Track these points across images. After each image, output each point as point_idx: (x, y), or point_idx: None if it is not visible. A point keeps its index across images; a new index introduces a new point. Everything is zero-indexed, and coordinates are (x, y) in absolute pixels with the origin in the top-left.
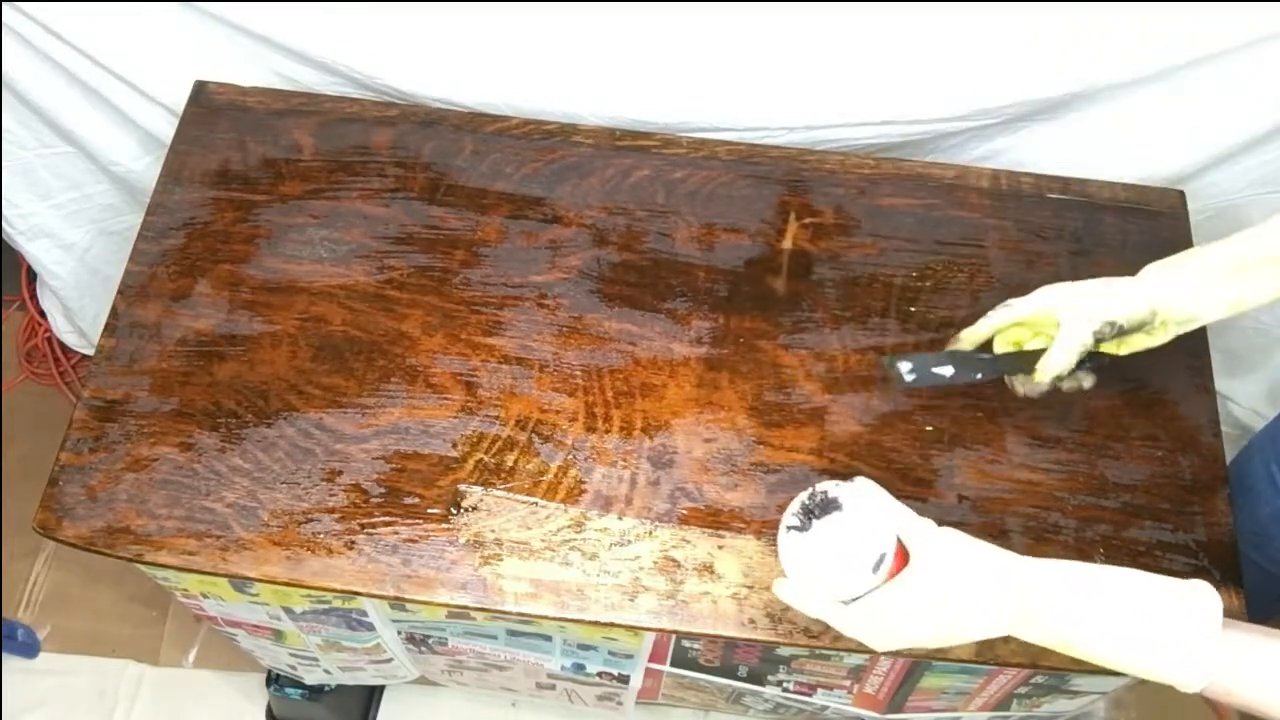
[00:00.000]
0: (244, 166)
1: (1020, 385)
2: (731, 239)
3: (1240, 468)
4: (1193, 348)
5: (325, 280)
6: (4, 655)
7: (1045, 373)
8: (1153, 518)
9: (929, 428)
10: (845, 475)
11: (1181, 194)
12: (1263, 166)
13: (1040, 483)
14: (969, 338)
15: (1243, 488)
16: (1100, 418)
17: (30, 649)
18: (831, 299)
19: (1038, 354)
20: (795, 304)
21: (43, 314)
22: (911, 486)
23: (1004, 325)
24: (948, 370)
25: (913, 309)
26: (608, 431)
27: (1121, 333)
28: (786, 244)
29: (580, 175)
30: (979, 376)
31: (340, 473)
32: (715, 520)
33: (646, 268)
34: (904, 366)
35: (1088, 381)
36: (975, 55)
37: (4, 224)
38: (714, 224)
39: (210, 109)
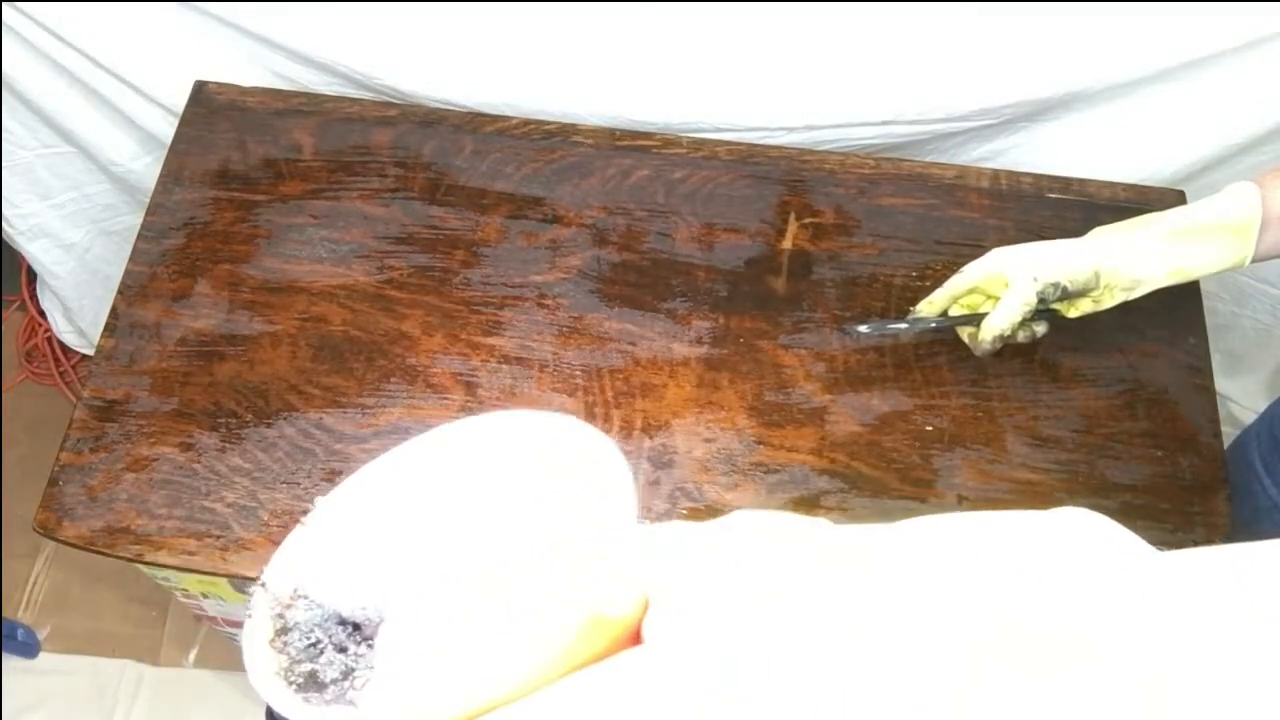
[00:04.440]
0: (244, 166)
1: (971, 341)
2: (731, 239)
3: (1235, 456)
4: (1193, 348)
5: (325, 280)
6: (4, 655)
7: (988, 330)
8: (1153, 518)
9: (929, 428)
10: (848, 478)
11: (1181, 194)
12: (1262, 167)
13: (1040, 483)
14: (927, 309)
15: (1238, 478)
16: (1100, 418)
17: (30, 649)
18: (831, 299)
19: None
20: (795, 304)
21: (43, 314)
22: (911, 486)
23: (960, 291)
24: (902, 325)
25: (913, 309)
26: (608, 431)
27: (1066, 294)
28: (786, 244)
29: (580, 175)
30: (933, 325)
31: (340, 473)
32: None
33: (646, 268)
34: (861, 328)
35: (1040, 328)
36: (975, 55)
37: (4, 224)
38: (714, 224)
39: (210, 109)
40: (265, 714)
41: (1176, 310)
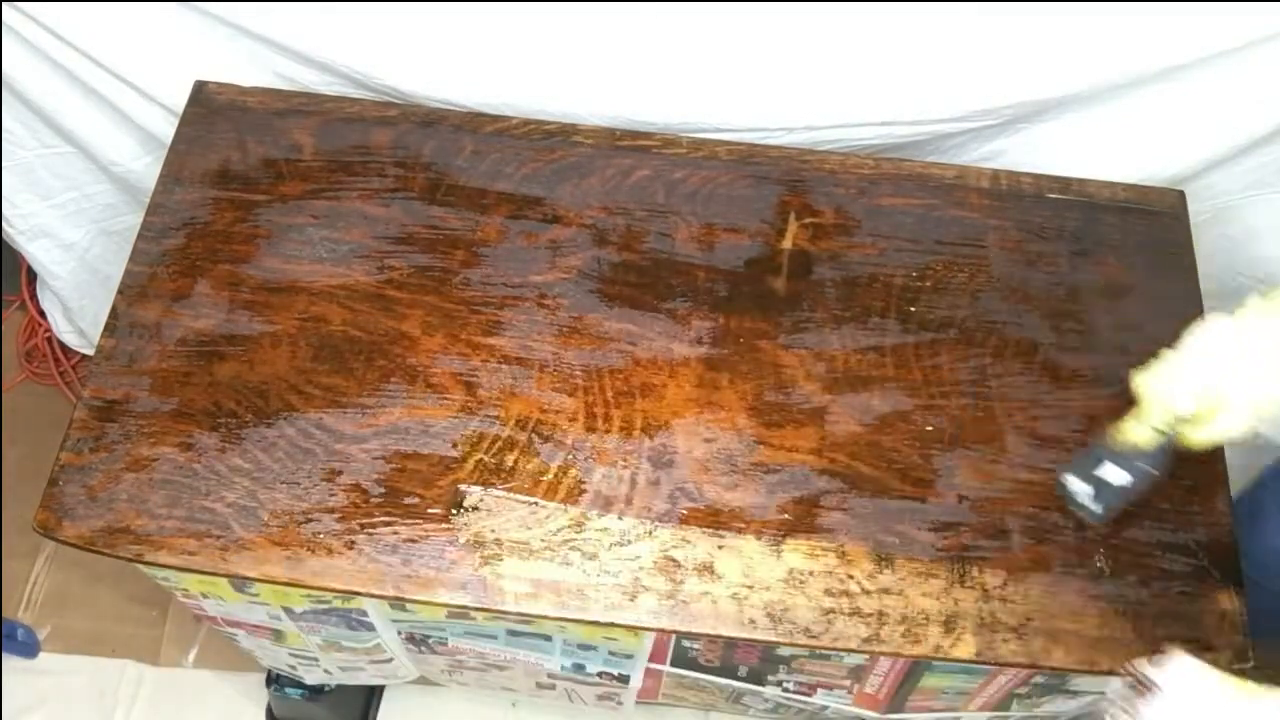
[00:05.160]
0: (244, 166)
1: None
2: (731, 239)
3: (1251, 495)
4: None
5: (325, 280)
6: (4, 655)
7: (1194, 442)
8: (1153, 518)
9: (929, 428)
10: (848, 478)
11: (1181, 194)
12: (1262, 167)
13: (1040, 483)
14: (1136, 437)
15: (1253, 515)
16: (1100, 418)
17: (30, 649)
18: (831, 299)
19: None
20: (795, 304)
21: (43, 314)
22: (911, 486)
23: (1176, 422)
24: (1125, 479)
25: (913, 309)
26: (608, 431)
27: None
28: (786, 244)
29: (580, 175)
30: (1154, 472)
31: (340, 473)
32: (715, 520)
33: (646, 268)
34: (1081, 491)
35: None
36: (975, 55)
37: (4, 224)
38: (714, 224)
39: (210, 109)
40: (265, 713)
41: (1176, 311)
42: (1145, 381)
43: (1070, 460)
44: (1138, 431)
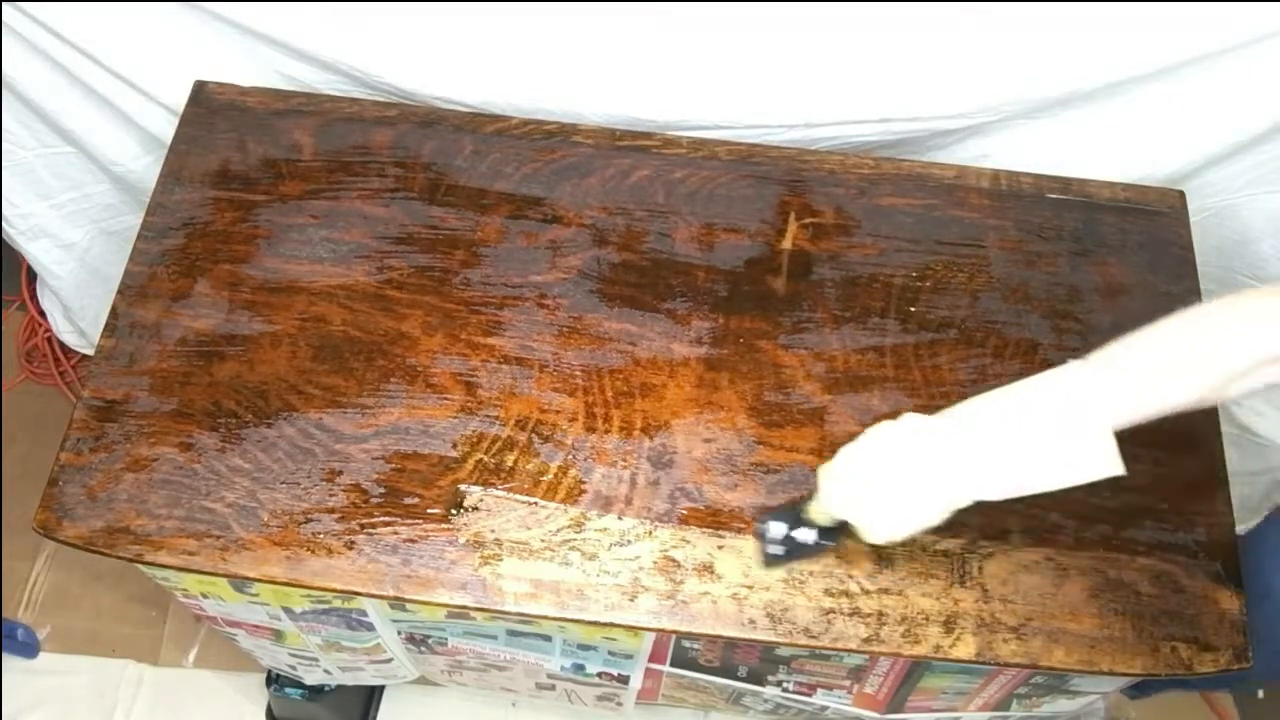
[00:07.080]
0: (244, 166)
1: None
2: (731, 239)
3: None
4: None
5: (325, 280)
6: (4, 655)
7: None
8: (1153, 518)
9: None
10: None
11: (1181, 194)
12: (1261, 166)
13: None
14: (817, 518)
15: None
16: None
17: (30, 649)
18: (831, 299)
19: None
20: (795, 304)
21: (43, 314)
22: None
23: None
24: (811, 537)
25: (913, 309)
26: (608, 431)
27: None
28: (786, 244)
29: (580, 175)
30: (833, 544)
31: (340, 473)
32: (715, 520)
33: (646, 268)
34: (775, 537)
35: None
36: (975, 54)
37: (4, 224)
38: (714, 224)
39: (210, 109)
40: (265, 714)
41: (1176, 310)
42: (821, 474)
43: (780, 505)
44: (818, 513)
